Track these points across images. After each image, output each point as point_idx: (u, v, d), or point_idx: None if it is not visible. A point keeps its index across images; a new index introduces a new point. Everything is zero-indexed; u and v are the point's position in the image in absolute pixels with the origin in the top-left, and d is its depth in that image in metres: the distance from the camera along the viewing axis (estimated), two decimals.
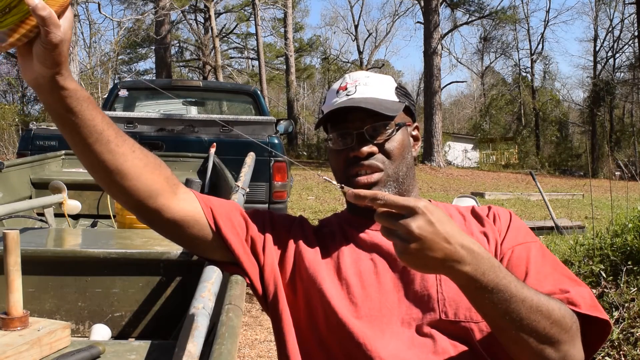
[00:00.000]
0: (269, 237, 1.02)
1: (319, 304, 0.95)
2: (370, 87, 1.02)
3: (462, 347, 0.89)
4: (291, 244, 1.02)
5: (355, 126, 0.98)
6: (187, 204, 0.96)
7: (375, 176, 0.98)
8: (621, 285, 2.89)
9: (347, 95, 1.02)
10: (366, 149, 0.97)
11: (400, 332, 0.91)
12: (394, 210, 0.73)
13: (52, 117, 0.81)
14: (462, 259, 0.73)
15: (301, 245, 1.01)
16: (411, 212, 0.72)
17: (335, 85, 1.07)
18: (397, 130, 1.00)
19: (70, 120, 0.80)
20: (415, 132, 1.07)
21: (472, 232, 1.00)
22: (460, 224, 1.02)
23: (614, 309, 2.80)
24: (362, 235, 1.01)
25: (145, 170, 0.89)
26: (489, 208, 1.06)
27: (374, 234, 1.01)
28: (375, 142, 0.98)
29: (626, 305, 2.79)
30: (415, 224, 0.71)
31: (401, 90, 1.06)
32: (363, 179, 0.97)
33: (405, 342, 0.90)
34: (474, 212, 1.05)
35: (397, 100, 1.03)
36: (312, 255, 1.00)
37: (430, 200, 1.06)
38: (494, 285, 0.75)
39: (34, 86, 0.77)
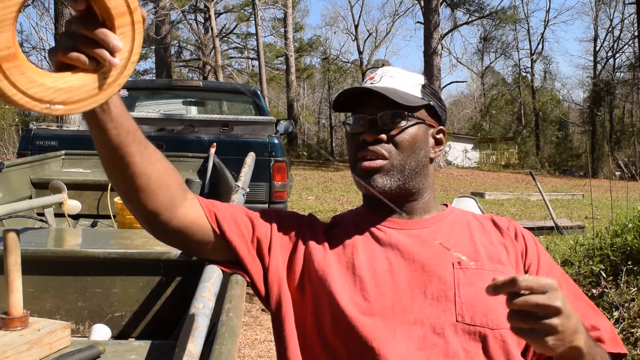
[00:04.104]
0: (275, 238, 1.01)
1: (327, 307, 0.93)
2: (395, 80, 1.02)
3: (475, 353, 0.88)
4: (300, 246, 1.01)
5: (371, 112, 0.99)
6: (192, 210, 0.95)
7: (379, 162, 0.97)
8: (621, 285, 2.89)
9: (371, 83, 1.02)
10: (373, 134, 0.97)
11: (412, 331, 0.90)
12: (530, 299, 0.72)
13: (90, 126, 0.78)
14: (579, 341, 0.77)
15: (311, 247, 1.00)
16: (552, 308, 0.72)
17: (367, 77, 1.08)
18: (414, 124, 0.99)
19: (110, 129, 0.77)
20: (440, 136, 1.05)
21: (492, 241, 1.00)
22: (478, 231, 1.02)
23: (614, 309, 2.80)
24: (378, 232, 1.00)
25: (165, 174, 0.87)
26: (509, 221, 1.06)
27: (390, 232, 1.00)
28: (386, 129, 0.98)
29: (626, 305, 2.79)
30: (560, 322, 0.72)
31: (428, 90, 1.05)
32: (366, 163, 0.97)
33: (417, 342, 0.89)
34: (494, 222, 1.05)
35: (420, 96, 1.02)
36: (322, 256, 0.98)
37: (446, 205, 1.07)
38: (586, 351, 0.80)
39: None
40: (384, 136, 0.97)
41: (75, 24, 0.63)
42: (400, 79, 1.02)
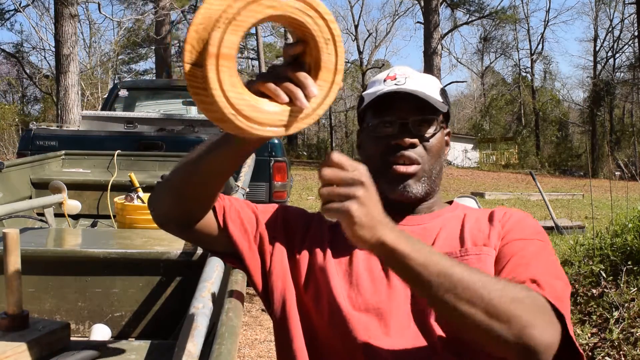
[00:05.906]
0: (281, 235, 1.03)
1: (326, 301, 0.95)
2: (420, 82, 1.02)
3: (464, 353, 0.89)
4: (307, 242, 1.02)
5: (401, 115, 0.98)
6: None
7: (413, 168, 0.98)
8: (621, 285, 2.89)
9: (396, 84, 1.01)
10: (410, 139, 0.97)
11: (406, 328, 0.91)
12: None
13: (225, 145, 0.85)
14: (383, 233, 0.73)
15: (317, 244, 1.02)
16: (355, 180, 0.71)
17: (381, 76, 1.07)
18: (440, 129, 1.01)
19: (235, 157, 0.88)
20: (447, 138, 1.07)
21: (480, 228, 0.98)
22: (470, 221, 1.01)
23: (614, 309, 2.80)
24: None
25: (218, 193, 0.98)
26: (506, 209, 1.04)
27: None
28: (419, 134, 0.99)
29: (626, 305, 2.79)
30: (362, 193, 0.71)
31: (444, 93, 1.06)
32: (402, 168, 0.98)
33: (409, 339, 0.90)
34: (490, 212, 1.04)
35: (442, 101, 1.03)
36: (324, 252, 1.00)
37: (452, 202, 1.09)
38: (410, 254, 0.74)
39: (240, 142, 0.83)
40: (418, 142, 0.98)
41: (283, 67, 0.70)
42: (424, 82, 1.03)
